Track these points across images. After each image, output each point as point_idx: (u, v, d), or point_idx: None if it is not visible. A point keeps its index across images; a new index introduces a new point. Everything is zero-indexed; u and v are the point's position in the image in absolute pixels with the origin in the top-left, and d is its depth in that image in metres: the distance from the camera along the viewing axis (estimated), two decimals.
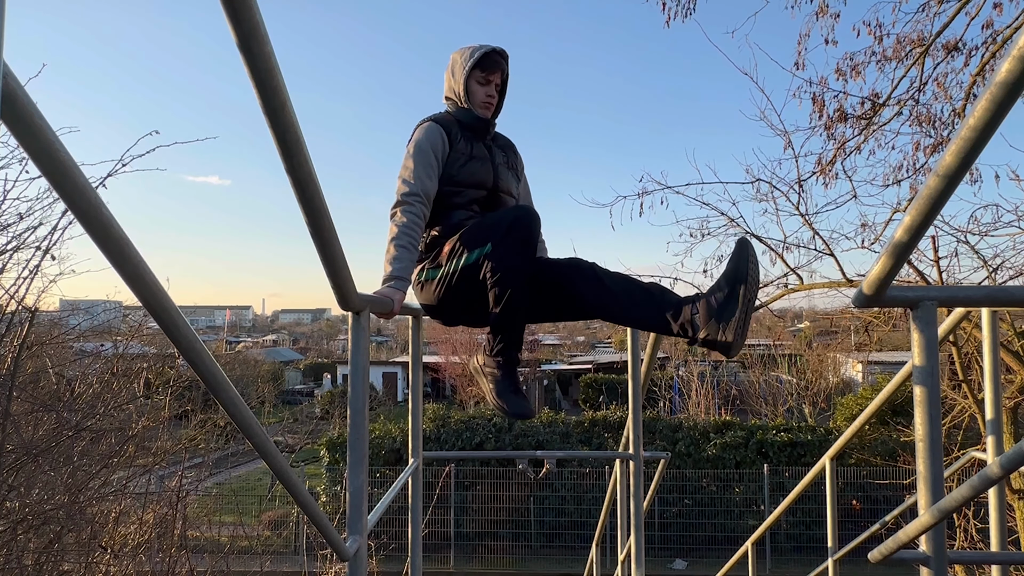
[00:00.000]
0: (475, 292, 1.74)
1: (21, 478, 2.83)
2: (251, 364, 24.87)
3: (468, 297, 1.78)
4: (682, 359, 18.42)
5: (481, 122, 2.01)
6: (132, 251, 0.55)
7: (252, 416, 0.79)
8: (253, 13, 0.51)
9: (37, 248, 2.93)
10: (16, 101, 0.43)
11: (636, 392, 2.26)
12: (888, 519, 2.20)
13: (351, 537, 1.23)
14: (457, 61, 1.98)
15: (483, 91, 1.98)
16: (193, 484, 3.91)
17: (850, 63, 4.64)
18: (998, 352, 1.55)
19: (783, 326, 18.06)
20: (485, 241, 1.70)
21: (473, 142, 1.98)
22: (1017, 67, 0.55)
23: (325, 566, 4.50)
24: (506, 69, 2.01)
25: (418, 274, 1.90)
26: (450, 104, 2.05)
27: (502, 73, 2.01)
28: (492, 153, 2.02)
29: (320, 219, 0.78)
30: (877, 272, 0.83)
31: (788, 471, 10.49)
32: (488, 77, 1.98)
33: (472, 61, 1.93)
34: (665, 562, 10.39)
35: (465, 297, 1.79)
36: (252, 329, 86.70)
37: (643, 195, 5.14)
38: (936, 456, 0.91)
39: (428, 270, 1.86)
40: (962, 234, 4.45)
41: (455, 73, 1.98)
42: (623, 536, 2.86)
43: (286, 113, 0.60)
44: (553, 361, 28.47)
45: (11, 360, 2.80)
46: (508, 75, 2.04)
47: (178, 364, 4.79)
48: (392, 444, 11.04)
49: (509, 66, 2.02)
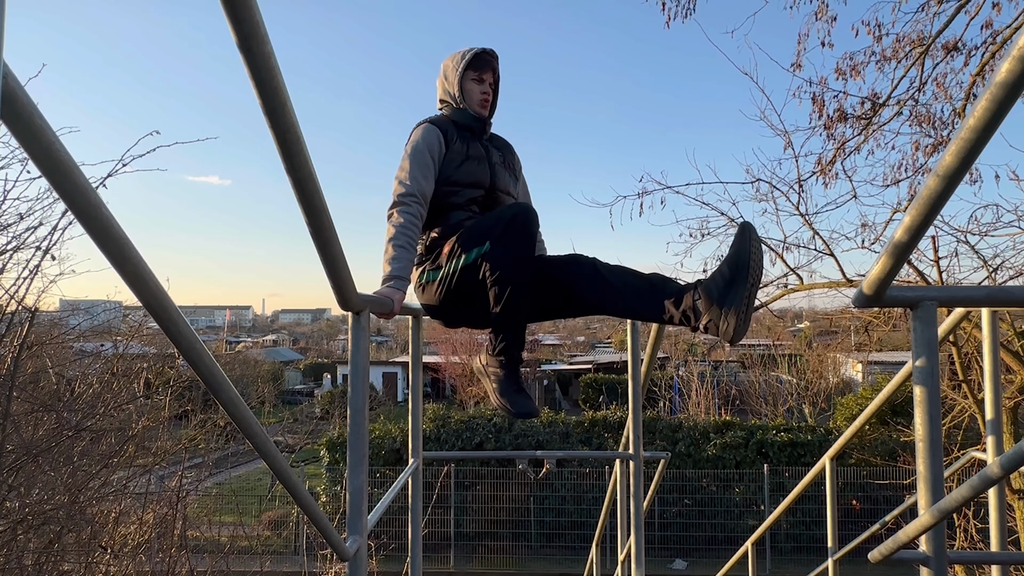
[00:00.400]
0: (475, 293, 1.74)
1: (21, 478, 2.83)
2: (251, 364, 24.89)
3: (469, 298, 1.77)
4: (682, 359, 18.43)
5: (478, 121, 2.03)
6: (132, 251, 0.55)
7: (252, 416, 0.79)
8: (253, 13, 0.51)
9: (37, 248, 2.93)
10: (16, 101, 0.43)
11: (636, 392, 2.26)
12: (888, 519, 2.20)
13: (351, 537, 1.23)
14: (449, 65, 2.02)
15: (478, 89, 2.02)
16: (193, 484, 3.91)
17: (850, 63, 4.64)
18: (998, 352, 1.55)
19: (783, 326, 18.06)
20: (483, 240, 1.70)
21: (470, 142, 2.00)
22: (1017, 67, 0.55)
23: (325, 566, 4.50)
24: (497, 68, 2.05)
25: (419, 276, 1.90)
26: (446, 107, 2.07)
27: (494, 72, 2.05)
28: (489, 153, 2.04)
29: (320, 219, 0.78)
30: (877, 272, 0.83)
31: (788, 471, 10.49)
32: (482, 76, 2.02)
33: (465, 62, 1.97)
34: (665, 562, 10.39)
35: (466, 298, 1.78)
36: (252, 329, 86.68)
37: (643, 195, 5.14)
38: (936, 456, 0.91)
39: (428, 272, 1.86)
40: (962, 234, 4.46)
41: (448, 76, 2.02)
42: (623, 536, 2.86)
43: (286, 113, 0.61)
44: (553, 361, 28.47)
45: (11, 360, 2.80)
46: (499, 75, 2.08)
47: (178, 364, 4.79)
48: (392, 444, 11.04)
49: (499, 66, 2.06)
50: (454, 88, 2.00)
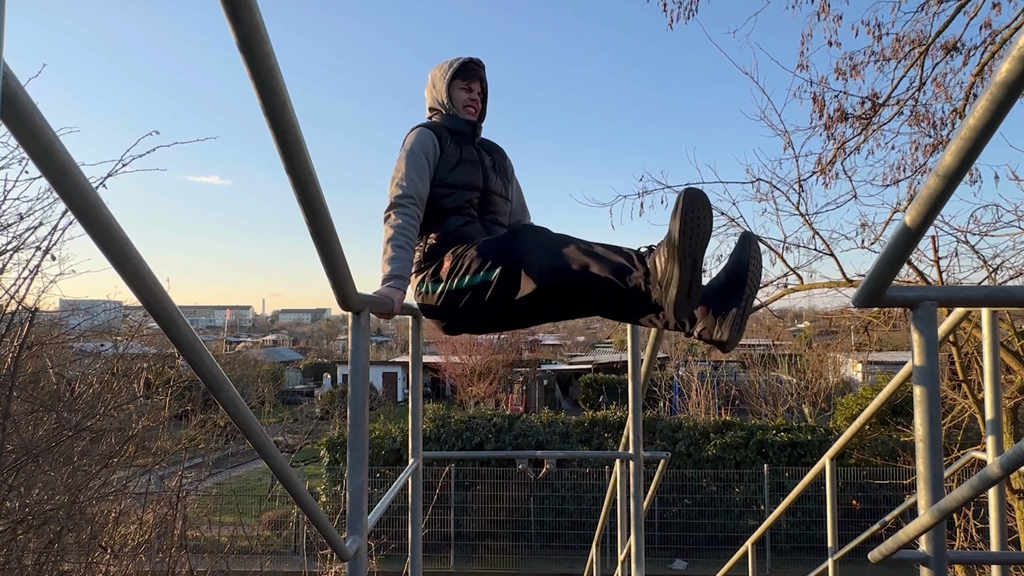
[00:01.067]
0: (479, 307, 1.75)
1: (21, 478, 2.83)
2: (251, 364, 24.89)
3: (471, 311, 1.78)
4: (682, 359, 18.43)
5: (468, 125, 2.08)
6: (132, 251, 0.55)
7: (252, 416, 0.79)
8: (253, 13, 0.51)
9: (37, 248, 2.93)
10: (16, 101, 0.43)
11: (636, 392, 2.26)
12: (888, 519, 2.20)
13: (351, 537, 1.23)
14: (437, 75, 2.09)
15: (466, 96, 2.08)
16: (193, 484, 3.91)
17: (850, 63, 4.64)
18: (998, 352, 1.55)
19: (783, 326, 18.03)
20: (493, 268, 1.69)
21: (463, 145, 2.04)
22: (1017, 67, 0.55)
23: (325, 566, 4.50)
24: (485, 77, 2.12)
25: (418, 284, 1.91)
26: (435, 115, 2.13)
27: (481, 82, 2.12)
28: (481, 156, 2.08)
29: (320, 219, 0.78)
30: (877, 272, 0.83)
31: (788, 471, 10.49)
32: (470, 85, 2.08)
33: (452, 70, 2.04)
34: (665, 562, 10.39)
35: (468, 311, 1.79)
36: (252, 329, 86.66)
37: (643, 194, 5.14)
38: (936, 456, 0.91)
39: (429, 284, 1.87)
40: (962, 234, 4.45)
41: (436, 85, 2.09)
42: (623, 536, 2.86)
43: (286, 113, 0.61)
44: (553, 361, 28.47)
45: (11, 360, 2.80)
46: (487, 84, 2.14)
47: (178, 364, 4.79)
48: (392, 444, 11.03)
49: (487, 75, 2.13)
50: (442, 95, 2.07)
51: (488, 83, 2.14)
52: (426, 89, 2.14)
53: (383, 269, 1.76)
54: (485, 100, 2.15)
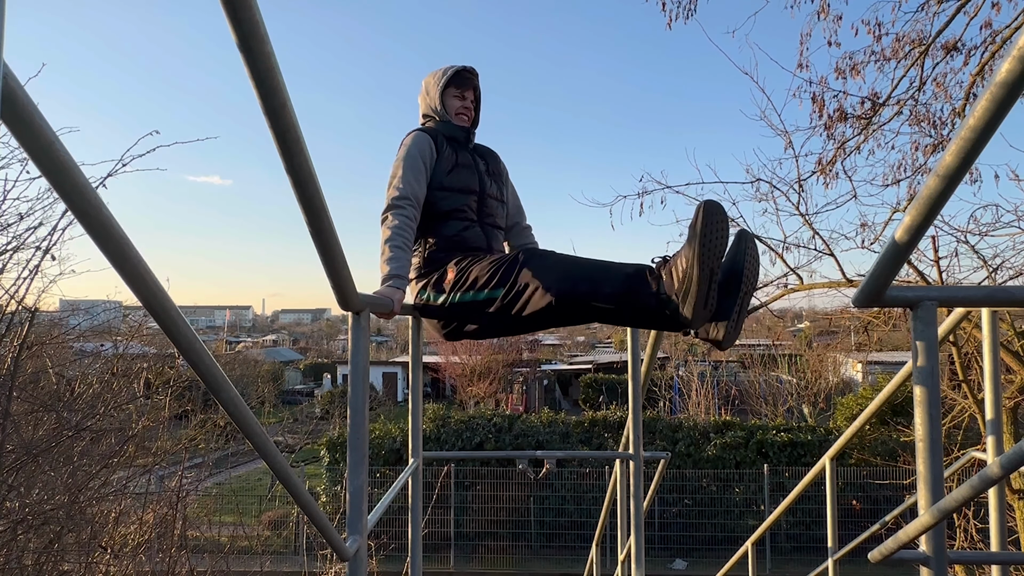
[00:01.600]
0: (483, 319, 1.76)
1: (21, 478, 2.83)
2: (251, 364, 24.88)
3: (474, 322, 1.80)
4: (682, 359, 18.42)
5: (462, 131, 2.11)
6: (132, 251, 0.55)
7: (252, 416, 0.79)
8: (253, 13, 0.51)
9: (37, 248, 2.93)
10: (16, 101, 0.43)
11: (636, 392, 2.26)
12: (888, 519, 2.20)
13: (351, 537, 1.23)
14: (431, 82, 2.12)
15: (459, 103, 2.11)
16: (193, 484, 3.91)
17: (849, 62, 4.63)
18: (998, 352, 1.55)
19: (783, 326, 18.05)
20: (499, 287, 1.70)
21: (458, 150, 2.06)
22: (1017, 67, 0.55)
23: (325, 566, 4.50)
24: (478, 86, 2.15)
25: (418, 291, 1.93)
26: (429, 121, 2.15)
27: (475, 90, 2.14)
28: (475, 161, 2.11)
29: (320, 219, 0.78)
30: (877, 272, 0.83)
31: (788, 471, 10.49)
32: (463, 93, 2.11)
33: (446, 78, 2.07)
34: (665, 562, 10.39)
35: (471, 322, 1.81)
36: (252, 329, 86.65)
37: (643, 195, 5.13)
38: (936, 456, 0.91)
39: (431, 292, 1.88)
40: (962, 234, 4.45)
41: (430, 92, 2.11)
42: (623, 536, 2.86)
43: (286, 113, 0.60)
44: (553, 361, 28.46)
45: (11, 360, 2.80)
46: (480, 92, 2.17)
47: (178, 364, 4.79)
48: (392, 444, 11.03)
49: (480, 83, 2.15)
50: (435, 102, 2.09)
51: (481, 91, 2.17)
52: (420, 96, 2.17)
53: (382, 269, 1.77)
54: (478, 108, 2.18)
